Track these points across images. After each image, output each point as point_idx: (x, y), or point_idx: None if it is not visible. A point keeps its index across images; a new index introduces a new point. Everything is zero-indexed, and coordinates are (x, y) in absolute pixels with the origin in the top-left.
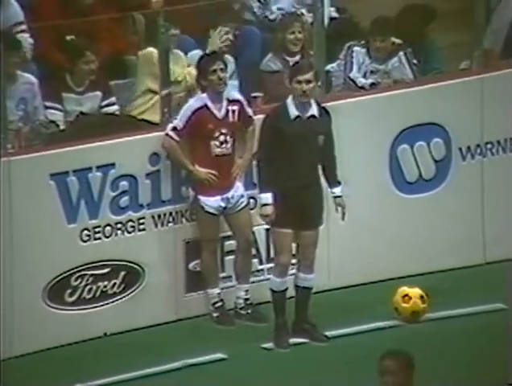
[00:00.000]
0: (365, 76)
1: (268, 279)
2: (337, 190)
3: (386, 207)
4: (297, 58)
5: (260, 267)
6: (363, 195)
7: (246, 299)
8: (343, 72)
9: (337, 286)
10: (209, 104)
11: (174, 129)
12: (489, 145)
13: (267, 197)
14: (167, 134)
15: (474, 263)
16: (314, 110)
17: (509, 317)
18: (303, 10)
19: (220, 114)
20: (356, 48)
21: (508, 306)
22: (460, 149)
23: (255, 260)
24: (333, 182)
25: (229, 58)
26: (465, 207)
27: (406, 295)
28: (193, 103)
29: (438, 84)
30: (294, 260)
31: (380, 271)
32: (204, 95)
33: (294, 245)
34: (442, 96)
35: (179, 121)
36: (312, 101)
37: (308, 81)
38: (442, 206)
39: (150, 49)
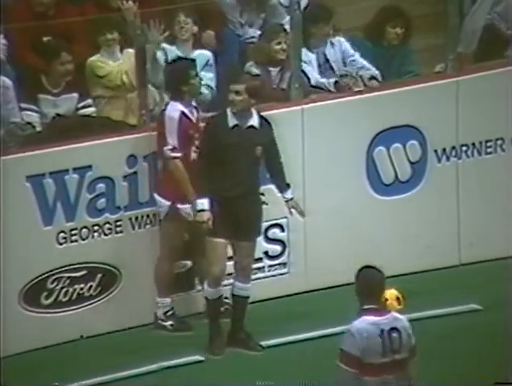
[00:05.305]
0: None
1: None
2: (288, 194)
3: (362, 208)
4: (278, 68)
5: None
6: (340, 197)
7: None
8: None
9: (314, 288)
10: (184, 110)
11: (173, 149)
12: (464, 148)
13: (203, 203)
14: (171, 158)
15: (449, 264)
16: (254, 121)
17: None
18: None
19: (194, 118)
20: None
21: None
22: (436, 151)
23: None
24: (283, 186)
25: (205, 53)
26: (440, 209)
27: None
28: (173, 114)
29: (413, 87)
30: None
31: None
32: (177, 102)
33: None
34: (417, 99)
35: (172, 139)
36: (254, 111)
37: (237, 92)
38: (417, 207)
39: (90, 59)
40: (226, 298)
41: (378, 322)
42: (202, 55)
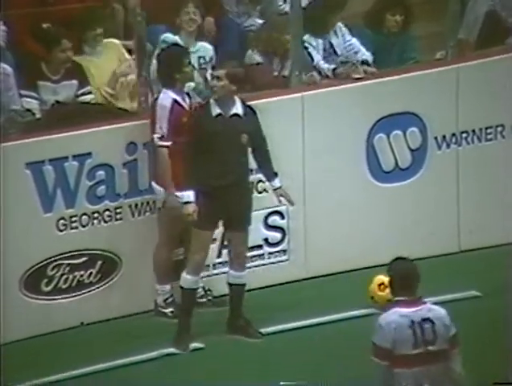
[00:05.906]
0: (328, 62)
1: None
2: (275, 183)
3: (362, 195)
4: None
5: (217, 260)
6: (340, 184)
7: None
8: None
9: (314, 275)
10: (177, 97)
11: (161, 138)
12: (464, 135)
13: (189, 195)
14: (159, 146)
15: (449, 251)
16: (238, 109)
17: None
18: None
19: (186, 105)
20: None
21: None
22: (436, 138)
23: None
24: (270, 175)
25: (206, 45)
26: (440, 196)
27: (382, 284)
28: (165, 102)
29: (414, 74)
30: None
31: (356, 260)
32: (169, 90)
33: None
34: (418, 86)
35: (162, 129)
36: (237, 99)
37: (218, 78)
38: (418, 194)
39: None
40: (210, 290)
41: (408, 314)
42: (205, 48)
